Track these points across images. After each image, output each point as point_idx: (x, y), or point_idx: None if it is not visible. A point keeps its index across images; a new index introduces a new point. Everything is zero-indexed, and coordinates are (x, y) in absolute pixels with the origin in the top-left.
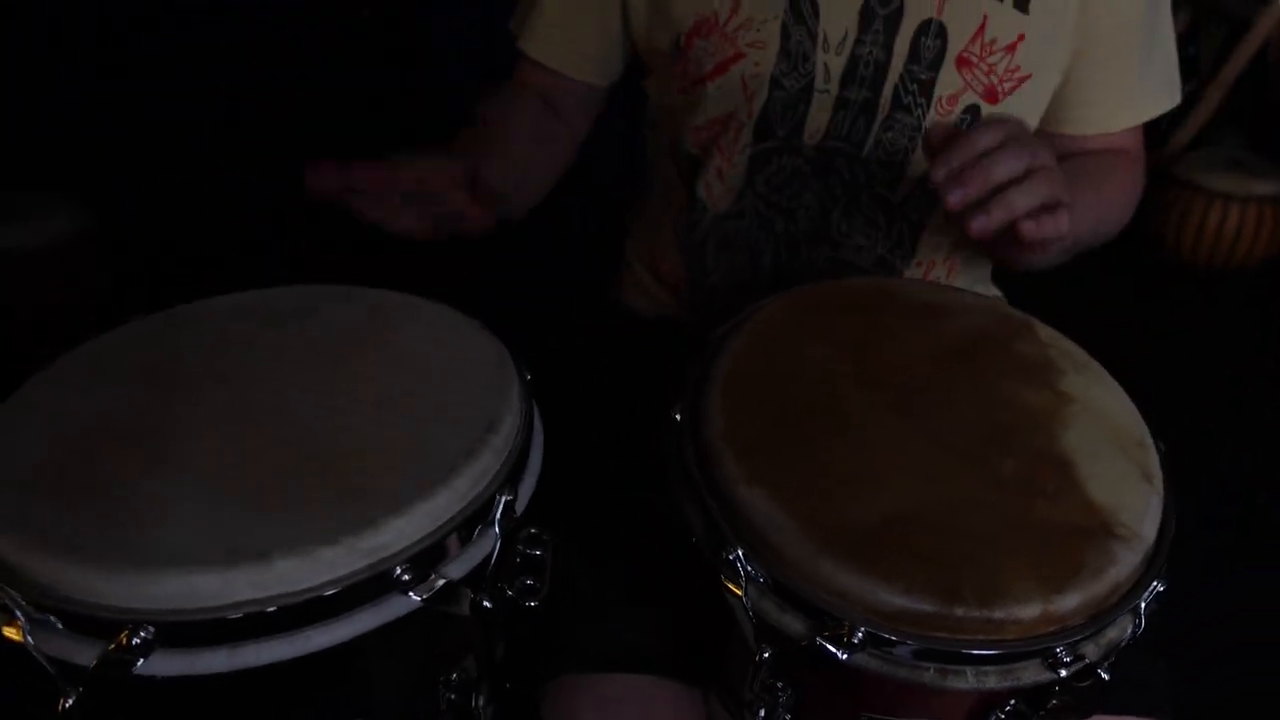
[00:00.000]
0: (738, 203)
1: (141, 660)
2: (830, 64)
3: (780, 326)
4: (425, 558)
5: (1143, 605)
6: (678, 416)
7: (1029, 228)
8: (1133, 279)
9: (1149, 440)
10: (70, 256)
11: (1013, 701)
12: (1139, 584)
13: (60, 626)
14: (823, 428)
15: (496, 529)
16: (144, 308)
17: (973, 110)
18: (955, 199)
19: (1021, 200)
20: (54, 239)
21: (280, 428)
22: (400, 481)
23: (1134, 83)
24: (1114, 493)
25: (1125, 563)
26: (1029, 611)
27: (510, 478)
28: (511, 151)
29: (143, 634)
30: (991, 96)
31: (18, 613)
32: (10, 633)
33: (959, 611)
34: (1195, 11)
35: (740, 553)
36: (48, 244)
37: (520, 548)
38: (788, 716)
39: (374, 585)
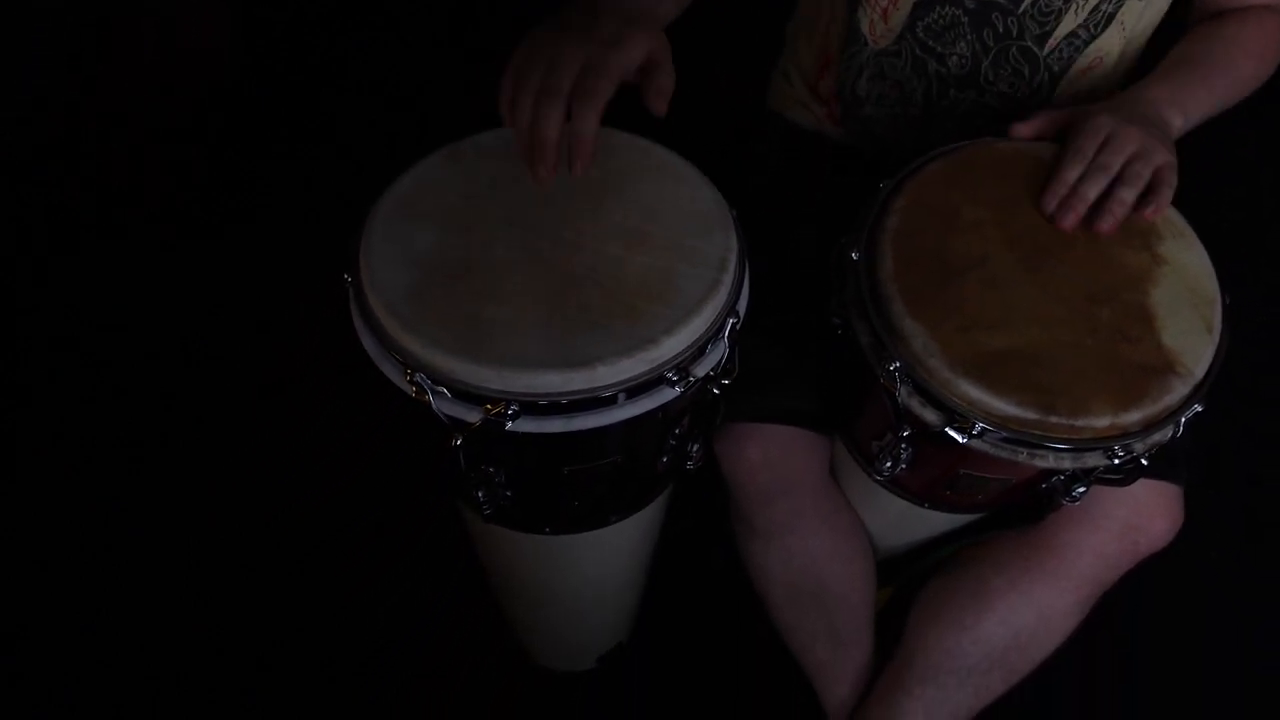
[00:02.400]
0: (896, 42)
1: (510, 423)
2: None
3: (940, 186)
4: (684, 363)
5: (1183, 420)
6: (855, 256)
7: (1148, 212)
8: None
9: (1218, 298)
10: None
11: (1070, 469)
12: (1183, 405)
13: (449, 396)
14: (968, 278)
15: (726, 341)
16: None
17: None
18: (1068, 223)
19: (1128, 194)
20: None
21: (569, 264)
22: (666, 309)
23: None
24: (1181, 340)
25: (1178, 392)
26: (1102, 422)
27: (734, 303)
28: None
29: (512, 408)
30: None
31: (426, 387)
32: (425, 400)
33: (1052, 419)
34: None
35: (898, 364)
36: None
37: None
38: (904, 466)
39: (654, 383)
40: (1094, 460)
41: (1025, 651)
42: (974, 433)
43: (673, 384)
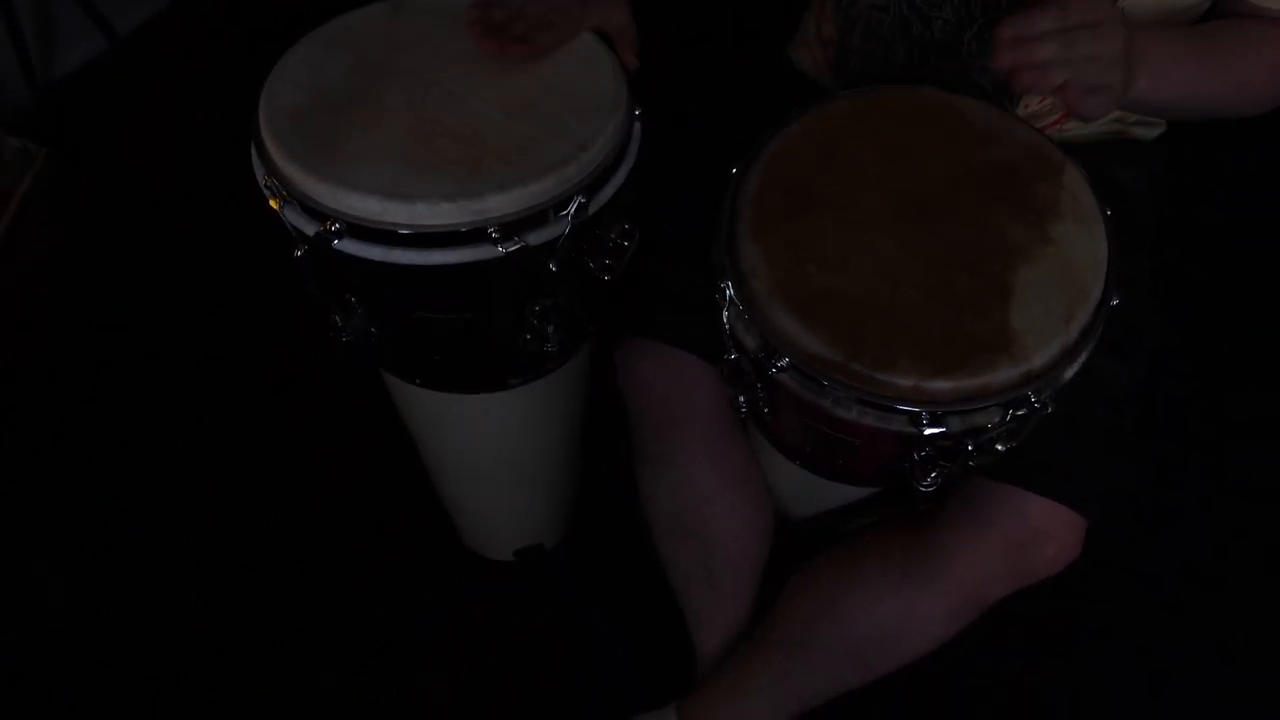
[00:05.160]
0: None
1: (337, 241)
2: None
3: (840, 120)
4: (512, 226)
5: (1009, 410)
6: (734, 171)
7: (1069, 97)
8: None
9: (1096, 293)
10: None
11: (926, 450)
12: (1008, 389)
13: (300, 208)
14: (829, 215)
15: (570, 218)
16: None
17: None
18: (1002, 60)
19: (1061, 74)
20: None
21: (446, 117)
22: (508, 171)
23: None
24: (1030, 323)
25: (1003, 373)
26: (905, 382)
27: (589, 187)
28: None
29: (337, 226)
30: None
31: (279, 195)
32: (274, 204)
33: (855, 367)
34: None
35: (730, 284)
36: None
37: (613, 236)
38: (766, 409)
39: (474, 235)
40: (897, 424)
41: (885, 646)
42: (780, 365)
43: (494, 242)
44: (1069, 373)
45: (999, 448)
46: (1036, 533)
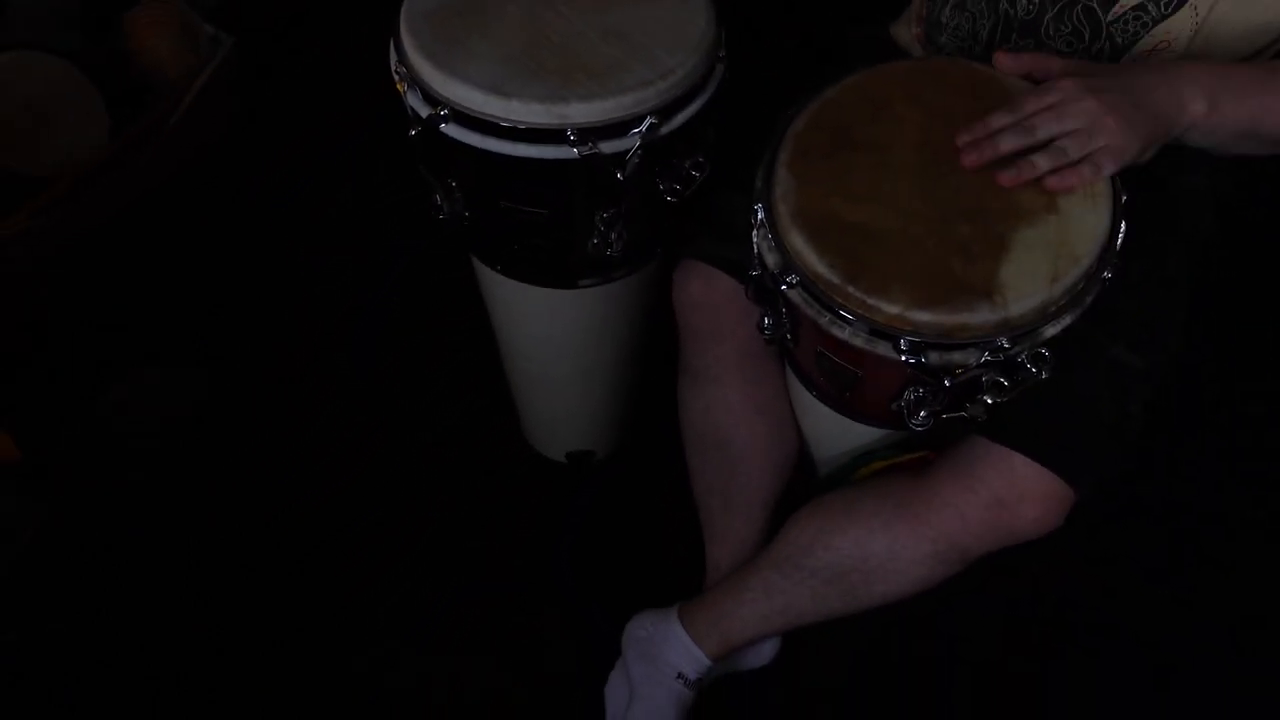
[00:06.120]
0: None
1: (443, 125)
2: None
3: (893, 79)
4: (588, 132)
5: (984, 353)
6: (791, 113)
7: (1051, 181)
8: None
9: (1086, 261)
10: None
11: (919, 391)
12: (985, 332)
13: (419, 93)
14: (862, 158)
15: (641, 134)
16: None
17: None
18: (967, 161)
19: (1042, 162)
20: None
21: (553, 33)
22: (594, 85)
23: None
24: (1016, 276)
25: (980, 315)
26: (892, 309)
27: (662, 111)
28: None
29: (445, 111)
30: None
31: (405, 80)
32: (400, 88)
33: (849, 289)
34: None
35: (761, 205)
36: None
37: (687, 165)
38: (789, 336)
39: (556, 135)
40: (883, 349)
41: (869, 579)
42: (791, 281)
43: (570, 144)
44: (1048, 330)
45: (987, 400)
46: (1021, 494)
